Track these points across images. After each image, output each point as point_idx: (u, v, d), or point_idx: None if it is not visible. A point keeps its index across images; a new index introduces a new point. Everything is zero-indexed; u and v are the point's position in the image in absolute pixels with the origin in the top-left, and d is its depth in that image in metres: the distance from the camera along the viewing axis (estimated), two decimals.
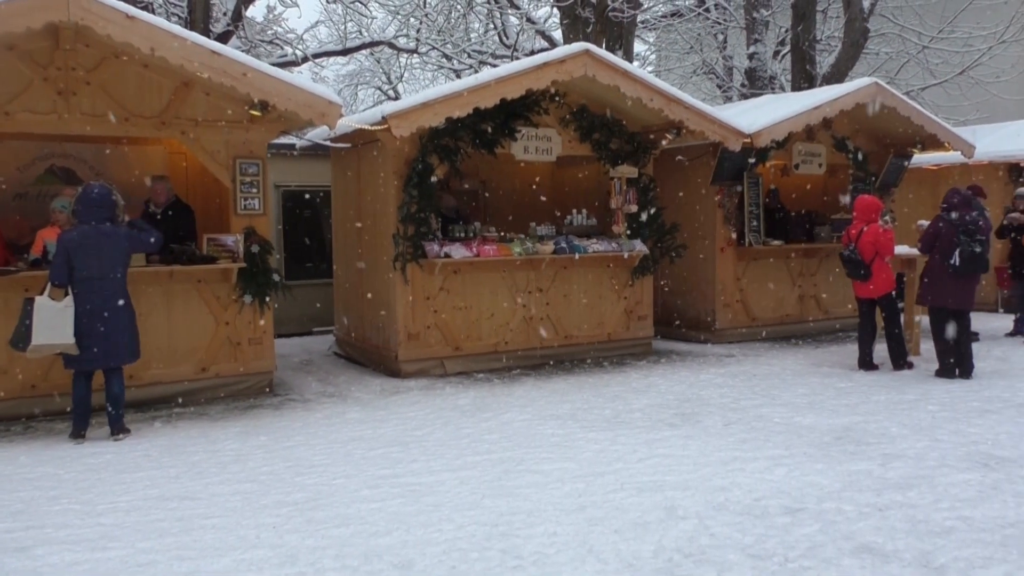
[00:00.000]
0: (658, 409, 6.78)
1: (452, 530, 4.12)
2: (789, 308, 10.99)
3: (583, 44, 8.49)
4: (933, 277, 7.87)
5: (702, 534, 4.01)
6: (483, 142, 8.47)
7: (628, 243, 9.27)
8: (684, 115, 8.83)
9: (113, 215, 6.11)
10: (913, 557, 3.69)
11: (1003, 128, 14.11)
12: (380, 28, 16.86)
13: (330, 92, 7.18)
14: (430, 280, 8.34)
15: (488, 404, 7.09)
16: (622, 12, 14.10)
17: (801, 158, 10.82)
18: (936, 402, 6.81)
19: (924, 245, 8.02)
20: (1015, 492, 4.54)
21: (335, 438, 6.00)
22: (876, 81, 10.26)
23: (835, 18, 17.81)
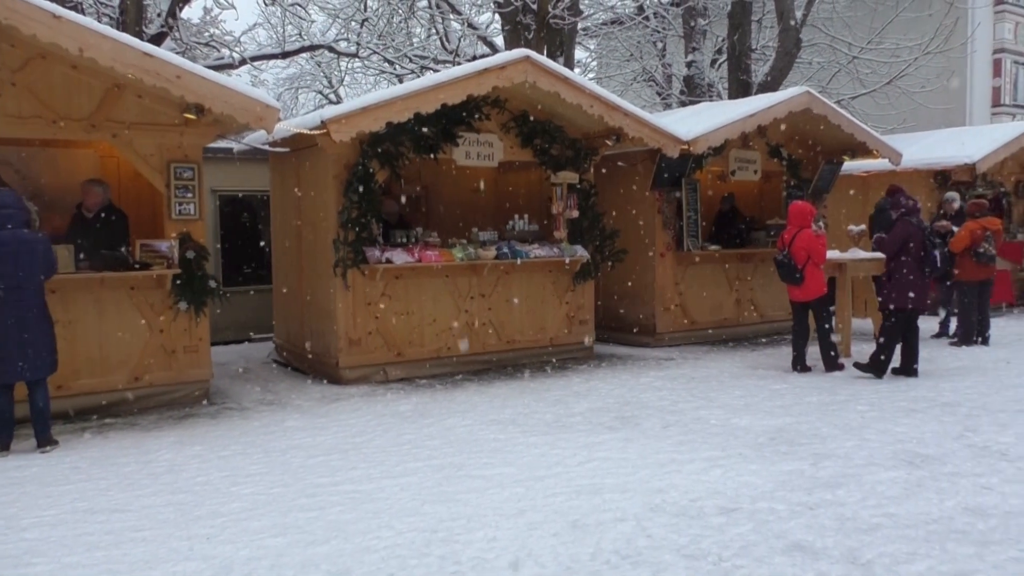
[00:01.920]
0: (598, 413, 6.85)
1: (391, 537, 4.10)
2: (726, 312, 11.21)
3: (523, 50, 8.54)
4: (910, 282, 8.01)
5: (639, 535, 4.07)
6: (424, 147, 8.45)
7: (569, 248, 9.34)
8: (623, 122, 8.95)
9: (29, 220, 5.94)
10: (841, 554, 3.80)
11: (929, 136, 14.63)
12: (320, 31, 16.70)
13: (267, 96, 7.09)
14: (371, 286, 8.28)
15: (430, 410, 7.07)
16: (563, 19, 14.23)
17: (737, 164, 11.06)
18: (865, 402, 7.02)
19: (891, 249, 8.14)
20: (938, 489, 4.71)
21: (273, 447, 5.91)
22: (808, 90, 10.55)
23: (769, 28, 18.28)
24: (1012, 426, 6.11)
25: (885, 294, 8.19)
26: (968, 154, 12.66)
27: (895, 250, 8.04)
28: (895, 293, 8.04)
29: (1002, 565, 3.66)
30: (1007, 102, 26.29)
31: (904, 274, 7.98)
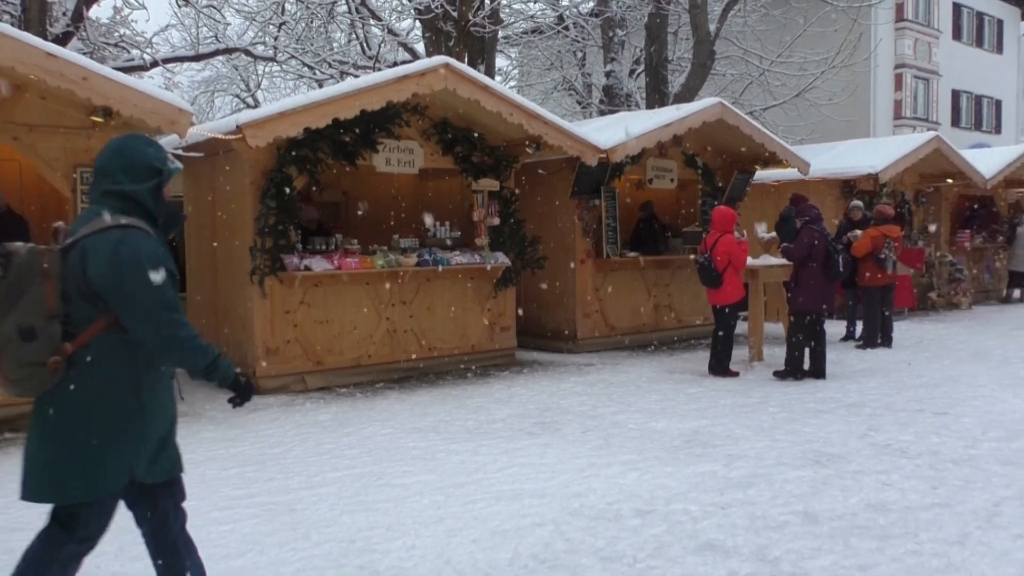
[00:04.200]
0: (519, 419, 6.90)
1: (308, 548, 4.04)
2: (645, 317, 11.43)
3: (443, 58, 8.56)
4: (816, 286, 8.31)
5: (557, 540, 4.12)
6: (344, 153, 8.37)
7: (491, 255, 9.39)
8: (543, 130, 9.05)
9: None
10: (751, 551, 3.93)
11: (835, 147, 15.23)
12: (236, 34, 16.35)
13: (180, 99, 6.93)
14: (290, 293, 8.15)
15: (350, 419, 6.99)
16: (484, 27, 14.30)
17: (654, 173, 11.31)
18: (776, 404, 7.26)
19: (799, 256, 8.41)
20: (843, 487, 4.91)
21: (187, 459, 5.67)
22: (721, 101, 10.87)
23: (685, 40, 18.76)
24: (912, 425, 6.41)
25: (792, 299, 8.53)
26: (872, 164, 13.23)
27: (801, 257, 8.37)
28: (802, 298, 8.37)
29: (900, 558, 3.84)
30: (908, 115, 27.59)
31: (810, 279, 8.31)
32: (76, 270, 2.68)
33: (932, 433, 6.14)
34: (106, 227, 2.70)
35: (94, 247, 2.67)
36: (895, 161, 13.27)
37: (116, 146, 2.86)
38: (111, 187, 2.80)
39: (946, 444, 5.83)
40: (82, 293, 2.69)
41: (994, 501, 4.61)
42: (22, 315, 2.61)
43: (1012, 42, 33.34)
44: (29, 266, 2.64)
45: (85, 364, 2.70)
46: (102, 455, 2.73)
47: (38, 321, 2.63)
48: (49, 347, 2.64)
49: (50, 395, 2.70)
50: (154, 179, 2.84)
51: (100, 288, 2.67)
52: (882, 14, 23.68)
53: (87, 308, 2.70)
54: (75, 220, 2.87)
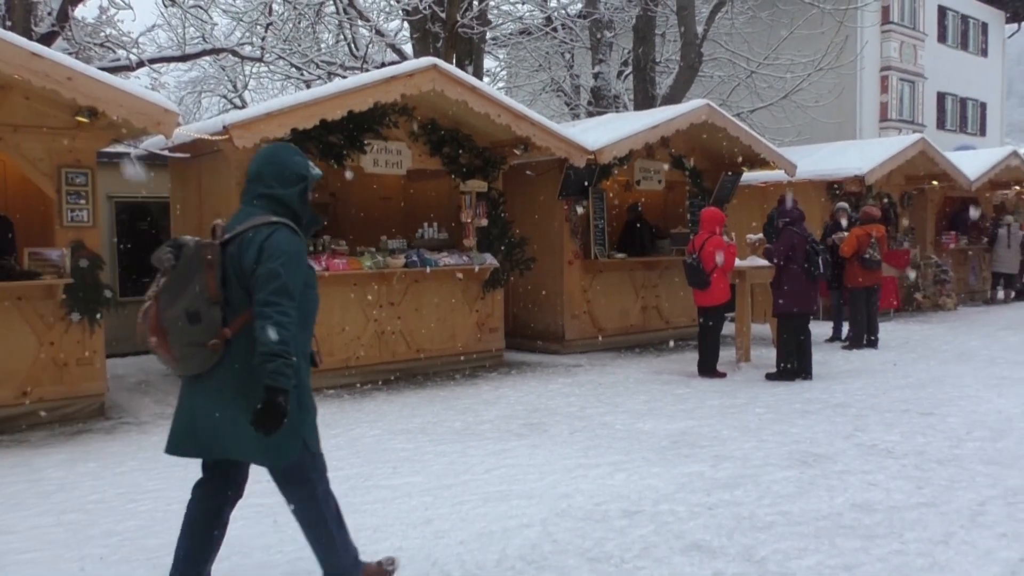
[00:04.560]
0: (507, 420, 6.90)
1: (293, 551, 4.03)
2: (633, 318, 11.45)
3: (431, 59, 8.56)
4: (798, 286, 8.37)
5: (545, 541, 4.12)
6: (331, 154, 8.36)
7: (479, 256, 9.39)
8: (531, 131, 9.06)
9: None
10: (737, 552, 3.94)
11: (821, 149, 15.31)
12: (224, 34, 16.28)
13: (165, 99, 6.89)
14: None
15: (337, 420, 6.98)
16: (471, 28, 14.30)
17: (642, 174, 11.33)
18: (763, 405, 7.29)
19: (779, 256, 8.50)
20: (828, 487, 4.93)
21: (172, 462, 5.63)
22: (708, 103, 10.91)
23: (673, 42, 18.80)
24: (898, 425, 6.45)
25: (774, 300, 8.59)
26: (858, 166, 13.30)
27: (782, 258, 8.43)
28: (783, 299, 8.44)
29: (886, 558, 3.86)
30: (894, 117, 27.75)
31: (791, 280, 8.37)
32: (234, 261, 3.05)
33: (918, 433, 6.19)
34: (260, 224, 3.09)
35: (249, 240, 3.05)
36: (881, 163, 13.34)
37: (268, 154, 3.28)
38: (264, 191, 3.19)
39: (931, 444, 5.87)
40: (239, 281, 3.04)
41: (979, 500, 4.64)
42: (189, 300, 2.99)
43: (996, 45, 33.60)
44: (195, 257, 3.03)
45: (242, 345, 3.03)
46: (295, 422, 3.11)
47: (202, 306, 2.99)
48: (211, 330, 3.00)
49: (214, 373, 3.05)
50: (300, 184, 3.25)
51: (251, 274, 3.02)
52: (868, 17, 23.82)
53: (243, 295, 3.05)
54: (231, 219, 3.22)
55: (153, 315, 3.06)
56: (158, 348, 3.09)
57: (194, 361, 3.05)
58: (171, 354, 3.07)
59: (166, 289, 3.06)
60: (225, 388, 3.07)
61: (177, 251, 3.08)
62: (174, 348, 3.05)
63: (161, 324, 3.04)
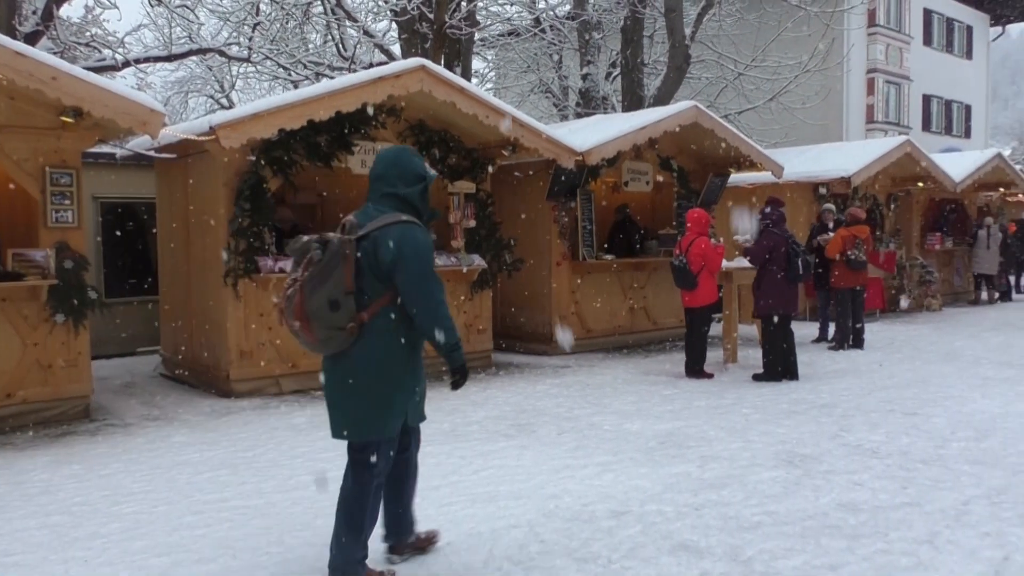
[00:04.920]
0: (495, 421, 6.90)
1: (282, 552, 4.02)
2: (620, 320, 11.47)
3: (419, 59, 8.55)
4: (778, 288, 8.41)
5: (532, 541, 4.12)
6: (319, 155, 8.33)
7: (467, 258, 9.38)
8: (519, 132, 9.06)
9: None
10: (724, 552, 3.96)
11: (808, 151, 15.39)
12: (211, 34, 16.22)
13: (151, 99, 6.85)
14: (264, 296, 8.09)
15: (324, 422, 6.81)
16: (460, 29, 14.30)
17: (630, 176, 11.36)
18: (750, 405, 7.32)
19: (757, 258, 8.56)
20: (814, 487, 4.96)
21: (158, 463, 5.70)
22: (696, 105, 10.94)
23: (661, 43, 18.86)
24: (883, 425, 6.49)
25: (755, 301, 8.64)
26: (844, 168, 13.38)
27: (761, 259, 8.47)
28: (763, 300, 8.49)
29: (871, 557, 3.89)
30: (880, 119, 27.91)
31: (771, 282, 8.41)
32: (369, 255, 3.41)
33: (902, 433, 6.22)
34: (391, 222, 3.44)
35: (383, 237, 3.40)
36: (867, 165, 13.43)
37: (391, 157, 3.61)
38: (389, 190, 3.54)
39: (916, 444, 5.91)
40: (374, 273, 3.41)
41: (963, 500, 4.67)
42: (330, 290, 3.33)
43: (981, 48, 33.86)
44: (337, 252, 3.36)
45: (374, 330, 3.43)
46: (390, 402, 3.51)
47: (341, 295, 3.35)
48: (348, 316, 3.36)
49: (347, 355, 3.43)
50: (420, 184, 3.59)
51: (387, 268, 3.40)
52: (854, 19, 23.96)
53: (376, 285, 3.43)
54: (358, 215, 3.54)
55: (298, 302, 3.38)
56: (301, 331, 3.41)
57: (333, 343, 3.41)
58: (314, 337, 3.40)
59: (311, 279, 3.37)
60: (356, 366, 3.44)
61: (323, 246, 3.40)
62: (317, 332, 3.38)
63: (305, 310, 3.36)
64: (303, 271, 3.41)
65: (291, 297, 3.40)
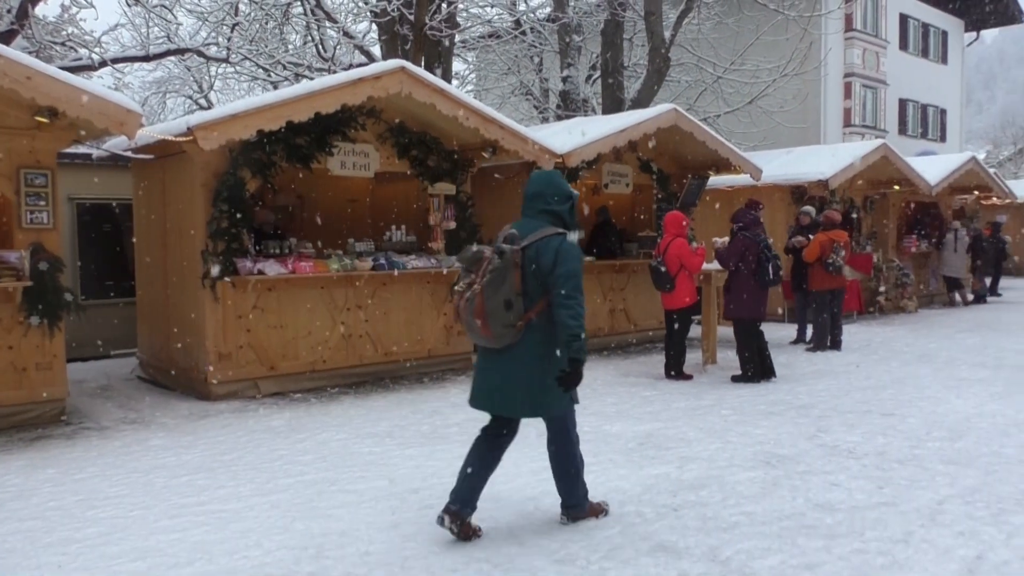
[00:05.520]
0: (475, 423, 6.81)
1: (259, 556, 3.99)
2: (600, 321, 11.50)
3: (399, 61, 8.53)
4: (748, 292, 8.47)
5: (511, 543, 4.13)
6: (298, 156, 8.30)
7: (447, 259, 9.36)
8: (499, 134, 9.06)
9: None
10: (702, 552, 3.98)
11: (787, 154, 15.50)
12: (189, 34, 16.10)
13: (128, 99, 6.78)
14: (242, 298, 8.04)
15: (304, 424, 6.92)
16: (440, 31, 14.29)
17: (610, 178, 11.40)
18: (729, 406, 7.36)
19: (727, 262, 8.62)
20: (791, 487, 5.00)
21: (134, 467, 5.64)
22: (675, 108, 10.99)
23: (641, 47, 18.93)
24: (859, 426, 6.55)
25: (725, 304, 8.69)
26: (822, 171, 13.49)
27: (731, 263, 8.53)
28: (733, 304, 8.53)
29: (847, 556, 3.92)
30: (857, 122, 28.16)
31: (741, 286, 8.48)
32: (531, 262, 4.02)
33: (879, 434, 6.29)
34: (551, 234, 4.08)
35: (544, 247, 4.03)
36: (844, 168, 13.54)
37: (546, 179, 4.27)
38: (544, 207, 4.18)
39: (892, 444, 5.97)
40: (536, 278, 4.01)
41: (938, 500, 4.73)
42: (505, 292, 3.94)
43: (956, 53, 34.27)
44: (509, 259, 3.96)
45: (535, 326, 4.05)
46: (550, 385, 4.06)
47: (513, 296, 3.95)
48: (518, 314, 3.98)
49: (514, 348, 4.04)
50: (569, 202, 4.22)
51: (547, 273, 3.99)
52: (831, 24, 24.17)
53: (537, 288, 4.03)
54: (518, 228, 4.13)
55: (479, 303, 3.96)
56: (480, 328, 3.98)
57: (506, 338, 4.00)
58: (491, 332, 3.98)
59: (490, 283, 3.96)
60: (521, 358, 4.05)
61: (500, 255, 3.99)
62: (494, 328, 3.97)
63: (484, 309, 3.94)
64: (480, 276, 4.01)
65: (471, 299, 3.99)
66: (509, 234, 4.10)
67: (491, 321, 3.95)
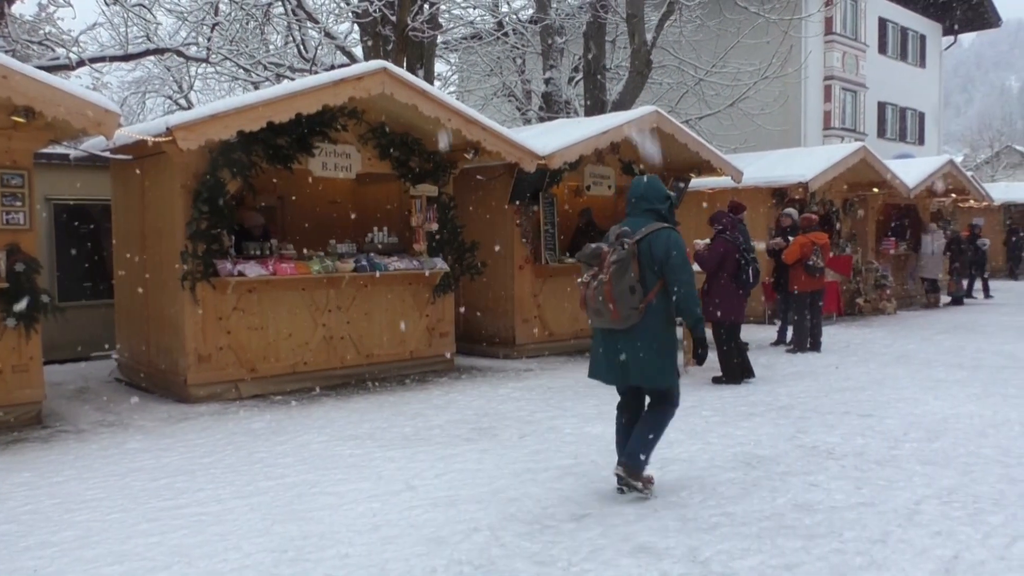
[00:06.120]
0: (457, 425, 6.88)
1: (238, 559, 3.97)
2: (583, 323, 11.50)
3: (381, 62, 8.51)
4: (726, 294, 8.53)
5: (493, 545, 4.12)
6: (279, 157, 8.25)
7: (429, 261, 9.35)
8: (481, 136, 9.05)
9: None
10: (683, 553, 4.00)
11: (767, 156, 15.60)
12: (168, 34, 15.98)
13: (106, 99, 6.71)
14: (223, 299, 7.99)
15: (284, 427, 6.88)
16: (422, 32, 14.26)
17: (592, 180, 11.42)
18: (709, 408, 7.40)
19: (709, 265, 8.66)
20: (771, 488, 5.02)
21: (112, 470, 5.59)
22: (657, 110, 11.04)
23: (623, 48, 19.00)
24: (839, 427, 6.60)
25: (704, 307, 8.72)
26: (802, 173, 13.59)
27: (713, 266, 8.58)
28: (712, 307, 8.59)
29: (825, 557, 3.95)
30: (836, 125, 28.39)
31: (719, 289, 8.53)
32: (646, 253, 4.73)
33: (857, 435, 6.34)
34: (659, 228, 4.79)
35: (656, 239, 4.74)
36: (824, 170, 13.64)
37: (648, 184, 4.98)
38: (649, 207, 4.90)
39: (870, 445, 6.02)
40: (650, 267, 4.72)
41: (915, 500, 4.77)
42: (629, 280, 4.63)
43: (934, 57, 34.64)
44: (630, 251, 4.67)
45: (653, 308, 4.74)
46: (672, 359, 4.81)
47: (634, 283, 4.65)
48: (640, 298, 4.66)
49: (636, 327, 4.70)
50: (668, 201, 4.95)
51: (660, 261, 4.70)
52: (812, 27, 24.37)
53: (651, 276, 4.74)
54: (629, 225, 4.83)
55: (608, 289, 4.63)
56: (612, 312, 4.63)
57: (632, 319, 4.66)
58: (619, 314, 4.63)
59: (616, 272, 4.62)
60: (643, 337, 4.70)
61: (622, 248, 4.66)
62: (621, 310, 4.63)
63: (613, 294, 4.61)
64: (605, 268, 4.68)
65: (599, 287, 4.66)
66: (623, 231, 4.79)
67: (619, 305, 4.60)
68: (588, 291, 4.75)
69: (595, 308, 4.71)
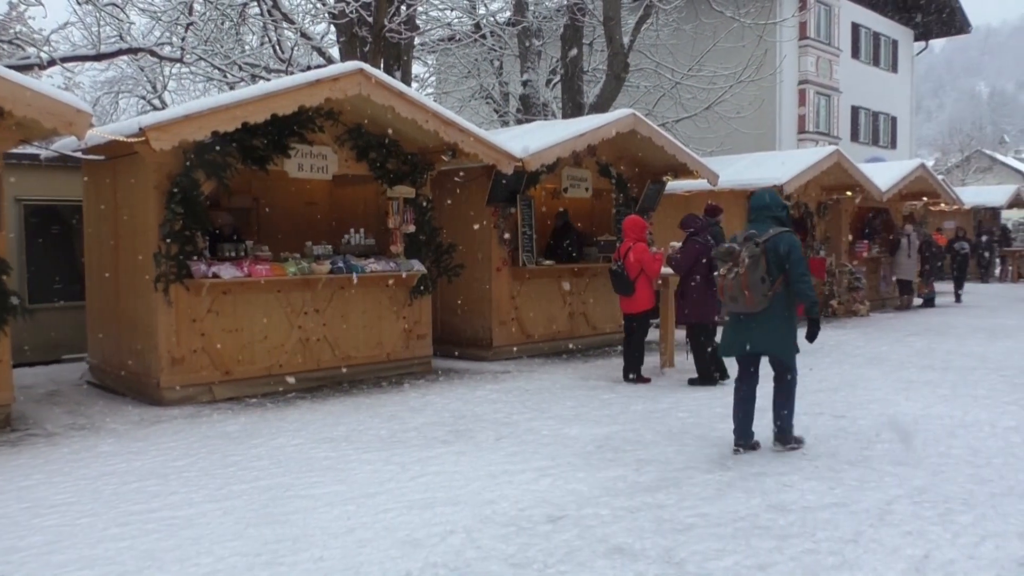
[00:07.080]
0: (433, 427, 6.86)
1: (211, 563, 3.93)
2: (560, 325, 11.54)
3: (357, 63, 8.47)
4: (699, 296, 8.55)
5: (469, 547, 4.11)
6: (254, 158, 8.19)
7: (406, 263, 9.33)
8: (458, 137, 9.04)
9: None
10: (658, 554, 4.01)
11: (743, 159, 15.72)
12: (142, 34, 15.80)
13: (77, 99, 6.63)
14: (197, 301, 7.91)
15: (259, 430, 6.83)
16: (399, 33, 14.22)
17: (569, 182, 11.45)
18: (685, 409, 7.43)
19: (681, 268, 8.70)
20: (746, 488, 5.06)
21: (82, 474, 5.51)
22: (634, 112, 11.09)
23: (600, 51, 19.06)
24: (812, 428, 6.65)
25: (679, 309, 8.77)
26: (777, 176, 13.70)
27: (685, 269, 8.62)
28: (687, 309, 8.63)
29: (798, 557, 3.98)
30: (811, 129, 28.67)
31: (692, 291, 8.57)
32: (771, 251, 5.65)
33: (831, 436, 6.40)
34: (782, 231, 5.75)
35: (780, 240, 5.69)
36: (799, 173, 13.76)
37: (769, 196, 5.98)
38: (771, 215, 5.87)
39: (843, 446, 6.08)
40: (776, 263, 5.64)
41: (887, 500, 4.82)
42: (760, 272, 5.57)
43: (906, 62, 35.08)
44: (760, 249, 5.60)
45: (778, 296, 5.68)
46: (793, 336, 5.87)
47: (765, 274, 5.59)
48: (769, 287, 5.61)
49: (765, 311, 5.68)
50: (784, 209, 5.93)
51: (783, 258, 5.63)
52: (786, 32, 24.60)
53: (775, 270, 5.65)
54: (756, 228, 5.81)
55: (744, 280, 5.56)
56: (747, 299, 5.59)
57: (762, 304, 5.62)
58: (753, 301, 5.59)
59: (751, 266, 5.55)
60: (771, 317, 5.71)
61: (756, 246, 5.60)
62: (755, 297, 5.57)
63: (749, 284, 5.54)
64: (740, 263, 5.58)
65: (735, 278, 5.60)
66: (750, 233, 5.75)
67: (754, 292, 5.53)
68: (725, 281, 5.66)
69: (732, 295, 5.62)
